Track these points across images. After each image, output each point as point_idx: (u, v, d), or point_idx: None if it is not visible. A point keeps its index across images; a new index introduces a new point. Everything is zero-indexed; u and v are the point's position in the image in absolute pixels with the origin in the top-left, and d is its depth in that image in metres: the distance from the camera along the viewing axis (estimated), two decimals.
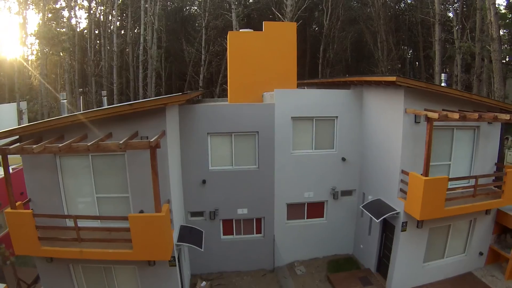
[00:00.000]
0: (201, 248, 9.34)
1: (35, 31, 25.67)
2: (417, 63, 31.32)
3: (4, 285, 9.33)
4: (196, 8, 32.66)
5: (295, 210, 11.76)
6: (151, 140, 7.03)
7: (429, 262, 10.50)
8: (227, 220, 11.32)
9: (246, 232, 11.57)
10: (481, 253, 11.11)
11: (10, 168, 8.09)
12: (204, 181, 10.72)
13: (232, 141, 10.89)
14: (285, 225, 11.69)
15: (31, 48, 28.99)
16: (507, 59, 20.70)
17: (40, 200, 8.28)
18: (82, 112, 7.86)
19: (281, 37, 13.77)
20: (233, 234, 11.52)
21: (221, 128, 10.73)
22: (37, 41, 25.72)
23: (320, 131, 11.52)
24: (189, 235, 9.65)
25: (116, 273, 8.80)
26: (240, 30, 15.37)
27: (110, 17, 27.68)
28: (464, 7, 21.85)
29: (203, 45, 25.64)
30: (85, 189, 8.47)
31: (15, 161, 14.76)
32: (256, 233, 11.64)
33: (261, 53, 13.54)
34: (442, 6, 20.41)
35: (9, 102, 27.07)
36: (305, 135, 11.45)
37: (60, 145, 6.90)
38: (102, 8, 28.71)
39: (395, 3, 28.81)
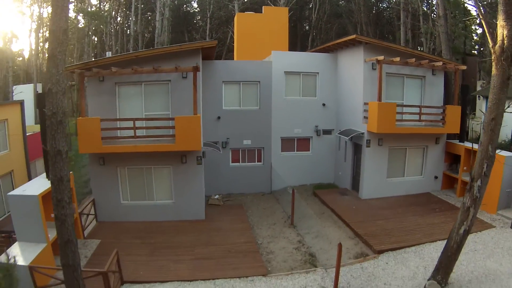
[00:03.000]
0: (220, 151, 13.26)
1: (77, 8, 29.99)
2: None
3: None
4: (196, 7, 36.89)
5: (287, 144, 15.66)
6: (194, 65, 10.90)
7: (392, 178, 14.28)
8: (235, 150, 15.13)
9: (250, 160, 15.38)
10: (436, 177, 14.76)
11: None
12: (218, 117, 14.57)
13: (240, 88, 14.83)
14: (279, 155, 15.55)
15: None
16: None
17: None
18: (141, 50, 11.71)
19: (276, 18, 18.06)
20: (239, 162, 15.31)
21: (232, 77, 14.65)
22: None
23: (305, 83, 15.55)
24: (209, 145, 13.41)
25: (154, 173, 12.42)
26: (245, 12, 19.62)
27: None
28: None
29: (207, 33, 29.78)
30: (136, 109, 12.15)
31: (32, 129, 18.77)
32: (257, 161, 15.46)
33: (261, 30, 17.72)
34: None
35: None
36: (294, 85, 15.46)
37: (132, 68, 10.69)
38: None
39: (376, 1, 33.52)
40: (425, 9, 25.56)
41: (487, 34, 7.25)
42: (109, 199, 12.22)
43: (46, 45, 32.06)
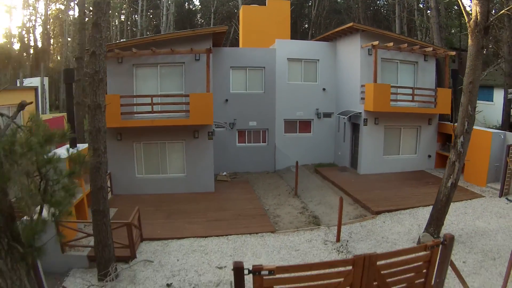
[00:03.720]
0: (229, 127, 14.46)
1: None
2: None
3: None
4: (198, 4, 38.03)
5: (290, 125, 16.64)
6: (208, 48, 11.88)
7: (388, 156, 15.33)
8: (241, 131, 16.10)
9: (255, 141, 16.35)
10: (429, 156, 15.85)
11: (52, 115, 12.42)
12: (226, 100, 15.55)
13: (246, 73, 15.83)
14: (283, 136, 16.53)
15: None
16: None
17: None
18: (158, 34, 12.67)
19: (279, 10, 19.14)
20: (245, 142, 16.27)
21: (239, 63, 15.64)
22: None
23: (306, 69, 16.57)
24: (219, 124, 14.39)
25: (168, 148, 13.37)
26: (250, 5, 20.66)
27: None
28: None
29: None
30: (152, 89, 13.12)
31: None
32: (262, 142, 16.43)
33: (264, 21, 18.74)
34: None
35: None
36: (296, 71, 16.48)
37: (151, 49, 11.64)
38: None
39: None
40: (421, 6, 26.75)
41: (463, 11, 8.32)
42: (124, 173, 13.12)
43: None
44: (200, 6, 37.97)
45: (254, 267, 4.13)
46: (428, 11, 23.24)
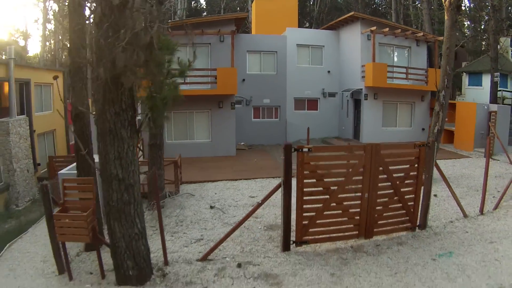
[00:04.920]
0: (249, 99, 16.36)
1: None
2: None
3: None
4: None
5: (299, 103, 18.70)
6: (232, 30, 13.93)
7: (387, 127, 17.45)
8: (256, 107, 18.14)
9: (268, 116, 18.38)
10: (423, 129, 17.96)
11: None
12: (243, 80, 17.56)
13: (261, 56, 17.91)
14: (293, 113, 18.57)
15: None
16: None
17: None
18: (188, 18, 14.69)
19: (287, 2, 21.15)
20: (259, 118, 18.25)
21: (254, 48, 17.72)
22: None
23: (313, 54, 18.69)
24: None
25: (196, 116, 15.36)
26: None
27: None
28: None
29: None
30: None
31: None
32: (275, 118, 18.44)
33: (274, 12, 20.77)
34: None
35: None
36: (304, 55, 18.59)
37: (185, 31, 13.64)
38: None
39: None
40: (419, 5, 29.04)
41: None
42: None
43: None
44: (205, 6, 40.18)
45: (298, 146, 6.10)
46: (418, 3, 25.48)
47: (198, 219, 8.42)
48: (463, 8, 29.99)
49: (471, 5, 29.55)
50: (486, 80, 22.96)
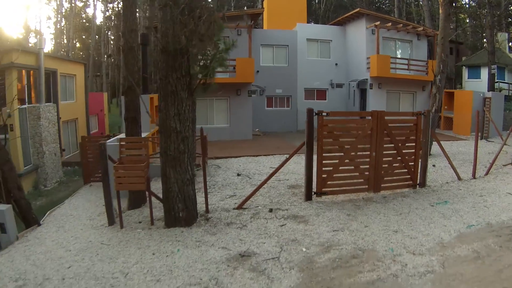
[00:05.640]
0: (264, 88, 17.42)
1: None
2: None
3: None
4: None
5: (309, 93, 19.80)
6: (250, 24, 15.07)
7: None
8: (269, 97, 19.27)
9: (281, 105, 19.49)
10: None
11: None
12: (257, 71, 18.68)
13: (273, 50, 19.02)
14: (303, 102, 19.68)
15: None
16: None
17: None
18: None
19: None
20: (272, 107, 19.38)
21: (268, 42, 18.83)
22: None
23: (322, 47, 19.78)
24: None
25: (215, 103, 16.51)
26: None
27: None
28: None
29: None
30: None
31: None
32: (286, 107, 19.52)
33: (284, 8, 21.86)
34: None
35: None
36: (313, 49, 19.68)
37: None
38: None
39: None
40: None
41: None
42: None
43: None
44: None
45: (318, 111, 7.25)
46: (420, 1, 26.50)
47: (228, 183, 9.57)
48: (463, 6, 31.17)
49: (471, 3, 30.55)
50: (484, 72, 23.93)
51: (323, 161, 7.23)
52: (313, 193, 7.37)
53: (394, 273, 4.47)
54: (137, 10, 9.02)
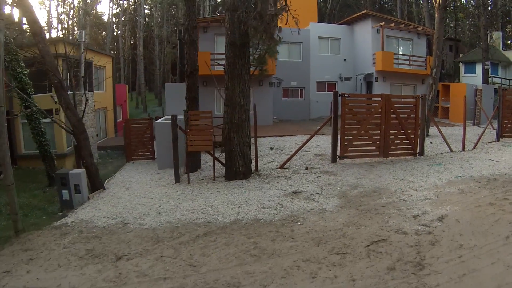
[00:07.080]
0: (282, 80, 19.31)
1: None
2: None
3: None
4: None
5: (320, 86, 21.71)
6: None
7: None
8: (285, 88, 21.16)
9: (295, 96, 21.40)
10: None
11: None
12: (275, 65, 20.52)
13: (289, 46, 20.87)
14: (315, 94, 21.57)
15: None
16: None
17: None
18: None
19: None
20: (287, 97, 21.31)
21: (283, 39, 20.48)
22: None
23: (332, 44, 21.64)
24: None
25: None
26: None
27: None
28: None
29: None
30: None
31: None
32: (300, 97, 21.44)
33: (297, 8, 23.62)
34: None
35: None
36: (324, 46, 21.54)
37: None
38: None
39: None
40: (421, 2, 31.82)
41: None
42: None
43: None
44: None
45: (342, 93, 9.22)
46: (420, 1, 28.28)
47: (264, 154, 11.51)
48: (463, 5, 32.99)
49: (470, 2, 32.29)
50: (479, 68, 25.74)
51: (345, 132, 9.22)
52: (337, 157, 9.36)
53: (403, 199, 6.45)
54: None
